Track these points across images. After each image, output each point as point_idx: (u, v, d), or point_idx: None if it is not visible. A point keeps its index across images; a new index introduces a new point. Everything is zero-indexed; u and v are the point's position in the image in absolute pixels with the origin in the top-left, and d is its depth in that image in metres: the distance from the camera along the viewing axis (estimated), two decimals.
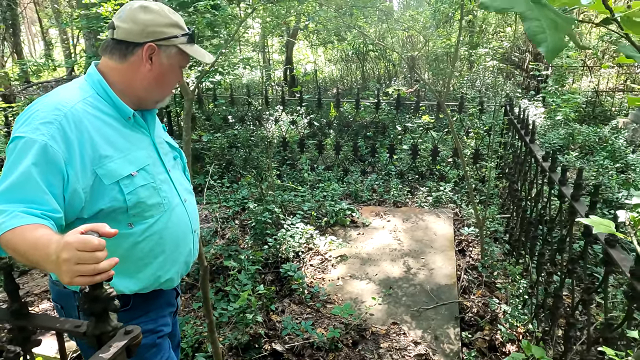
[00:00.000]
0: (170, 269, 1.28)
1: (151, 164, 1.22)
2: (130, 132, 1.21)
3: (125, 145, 1.17)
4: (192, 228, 1.35)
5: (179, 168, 1.38)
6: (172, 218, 1.26)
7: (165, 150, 1.32)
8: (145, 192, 1.18)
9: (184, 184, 1.37)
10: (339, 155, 4.50)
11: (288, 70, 9.19)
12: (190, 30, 1.26)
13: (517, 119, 3.18)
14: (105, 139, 1.13)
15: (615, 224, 1.06)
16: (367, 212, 3.84)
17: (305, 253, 3.21)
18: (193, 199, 1.40)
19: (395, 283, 2.84)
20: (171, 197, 1.27)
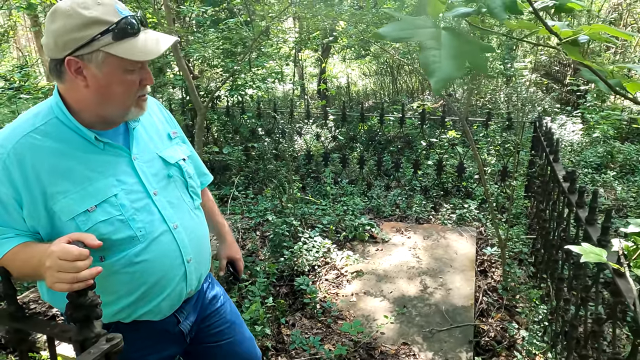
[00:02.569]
0: (151, 302, 1.16)
1: (121, 192, 1.08)
2: (97, 156, 1.07)
3: (85, 176, 1.05)
4: (184, 257, 1.18)
5: (175, 187, 1.21)
6: (153, 249, 1.12)
7: (155, 170, 1.16)
8: (108, 228, 1.06)
9: (178, 206, 1.19)
10: (363, 169, 4.49)
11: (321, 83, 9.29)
12: (121, 18, 0.98)
13: (543, 136, 3.07)
14: (57, 173, 1.02)
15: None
16: (388, 227, 3.79)
17: (322, 267, 3.20)
18: (192, 222, 1.23)
19: (410, 302, 2.78)
20: (151, 226, 1.12)
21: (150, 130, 1.21)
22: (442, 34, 0.44)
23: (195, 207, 1.28)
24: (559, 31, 0.57)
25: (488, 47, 0.46)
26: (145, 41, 1.00)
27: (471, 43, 0.45)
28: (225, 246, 1.54)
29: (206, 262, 1.31)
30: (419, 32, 0.43)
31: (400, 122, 4.15)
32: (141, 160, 1.14)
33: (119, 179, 1.08)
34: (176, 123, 1.35)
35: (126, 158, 1.11)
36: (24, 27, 15.90)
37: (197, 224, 1.26)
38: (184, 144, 1.32)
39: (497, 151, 3.85)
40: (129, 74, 1.02)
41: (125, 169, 1.10)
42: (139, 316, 1.16)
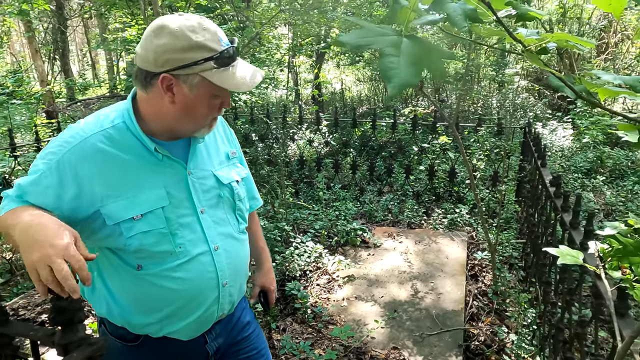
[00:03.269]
0: (181, 321, 1.14)
1: (169, 206, 1.07)
2: (153, 167, 1.07)
3: (137, 184, 1.05)
4: (220, 280, 1.15)
5: (223, 208, 1.18)
6: (190, 268, 1.10)
7: (207, 188, 1.15)
8: (150, 239, 1.05)
9: (222, 227, 1.17)
10: (355, 174, 4.51)
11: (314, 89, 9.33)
12: (224, 49, 1.00)
13: (532, 142, 3.10)
14: (111, 177, 1.03)
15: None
16: (380, 232, 3.80)
17: (313, 272, 3.20)
18: (233, 245, 1.20)
19: (401, 306, 2.79)
20: (191, 245, 1.10)
21: (210, 147, 1.20)
22: (402, 42, 0.46)
23: (240, 230, 1.24)
24: (522, 39, 0.59)
25: (448, 54, 0.48)
26: (240, 72, 1.03)
27: (431, 50, 0.47)
28: (261, 274, 1.50)
29: (241, 287, 1.28)
30: (379, 40, 0.45)
31: (392, 127, 4.18)
32: (195, 176, 1.13)
33: (169, 192, 1.08)
34: (237, 143, 1.34)
35: (181, 172, 1.11)
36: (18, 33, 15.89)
37: (239, 248, 1.23)
38: (241, 165, 1.30)
39: (487, 156, 3.88)
40: (215, 98, 1.05)
41: (177, 183, 1.10)
42: (167, 333, 1.15)
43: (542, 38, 0.59)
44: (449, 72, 5.56)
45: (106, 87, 14.50)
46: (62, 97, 10.86)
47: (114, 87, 13.41)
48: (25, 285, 3.04)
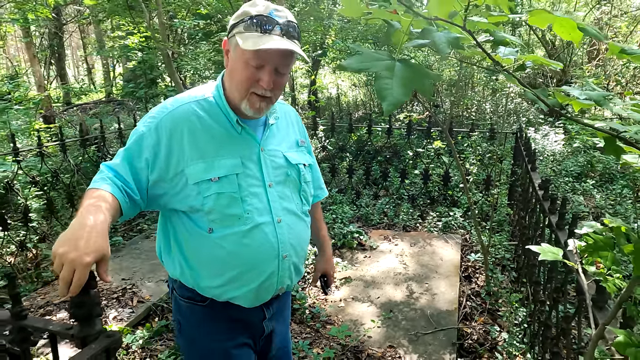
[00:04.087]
0: (240, 288, 1.22)
1: (242, 174, 1.19)
2: (233, 138, 1.20)
3: (218, 150, 1.17)
4: (280, 253, 1.23)
5: (289, 186, 1.28)
6: (253, 236, 1.19)
7: (276, 165, 1.25)
8: (223, 201, 1.16)
9: (286, 203, 1.26)
10: (352, 178, 4.59)
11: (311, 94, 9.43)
12: (257, 14, 1.08)
13: (523, 146, 3.20)
14: (198, 142, 1.16)
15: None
16: (376, 235, 3.88)
17: (311, 274, 3.27)
18: (297, 222, 1.28)
19: (397, 307, 2.86)
20: (257, 213, 1.20)
21: (283, 132, 1.32)
22: (395, 65, 0.54)
23: (302, 211, 1.32)
24: (500, 59, 0.68)
25: (435, 76, 0.56)
26: (267, 41, 1.06)
27: (420, 72, 0.55)
28: (324, 260, 1.61)
29: (300, 266, 1.33)
30: (376, 64, 0.53)
31: (388, 132, 4.27)
32: (267, 154, 1.24)
33: (244, 162, 1.19)
34: (307, 135, 1.45)
35: (256, 147, 1.22)
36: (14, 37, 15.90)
37: (300, 226, 1.31)
38: (308, 154, 1.41)
39: (479, 161, 3.98)
40: (249, 67, 1.10)
41: (251, 156, 1.21)
42: (230, 298, 1.23)
43: (518, 59, 0.67)
44: (434, 89, 5.67)
45: (102, 92, 14.54)
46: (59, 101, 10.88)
47: (110, 92, 13.45)
48: (27, 288, 3.09)
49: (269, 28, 1.08)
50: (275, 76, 1.13)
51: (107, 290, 2.99)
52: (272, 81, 1.12)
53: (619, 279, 0.94)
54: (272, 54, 1.09)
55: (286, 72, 1.16)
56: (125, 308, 2.80)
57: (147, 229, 4.05)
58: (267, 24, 1.08)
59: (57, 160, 4.10)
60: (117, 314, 2.74)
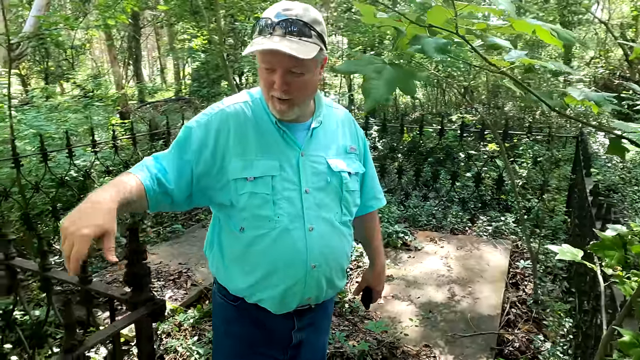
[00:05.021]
0: (267, 290, 1.23)
1: (278, 176, 1.19)
2: (275, 139, 1.21)
3: (258, 150, 1.19)
4: (308, 262, 1.20)
5: (329, 194, 1.24)
6: (282, 240, 1.19)
7: (317, 171, 1.23)
8: (256, 201, 1.17)
9: (323, 212, 1.23)
10: (401, 179, 4.59)
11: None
12: (263, 19, 1.10)
13: (581, 151, 3.05)
14: (242, 139, 1.19)
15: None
16: (423, 236, 3.87)
17: (354, 270, 3.35)
18: (331, 233, 1.24)
19: (436, 308, 2.86)
20: (288, 218, 1.19)
21: (329, 136, 1.29)
22: (385, 68, 0.62)
23: (342, 221, 1.28)
24: (497, 63, 0.73)
25: (422, 77, 0.63)
26: (263, 44, 1.06)
27: (406, 73, 0.62)
28: (371, 273, 1.57)
29: (335, 280, 1.29)
30: (367, 67, 0.61)
31: (440, 134, 4.23)
32: (308, 158, 1.23)
33: (282, 165, 1.19)
34: (362, 141, 1.40)
35: (296, 152, 1.22)
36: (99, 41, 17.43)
37: (336, 237, 1.26)
38: (358, 162, 1.35)
39: (535, 165, 3.82)
40: (265, 71, 1.12)
41: (290, 160, 1.20)
42: (258, 300, 1.24)
43: (516, 60, 0.72)
44: (418, 89, 5.44)
45: (171, 91, 15.54)
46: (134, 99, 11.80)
47: (179, 91, 14.36)
48: (99, 266, 3.43)
49: (269, 30, 1.07)
50: (289, 77, 1.11)
51: (166, 272, 3.26)
52: (284, 83, 1.10)
53: (637, 281, 0.94)
54: (278, 56, 1.06)
55: (303, 72, 1.11)
56: (180, 289, 3.05)
57: (204, 218, 4.33)
58: (268, 26, 1.08)
59: (128, 153, 4.51)
60: (173, 294, 2.99)
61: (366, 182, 1.42)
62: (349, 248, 1.34)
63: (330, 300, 1.42)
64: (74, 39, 9.69)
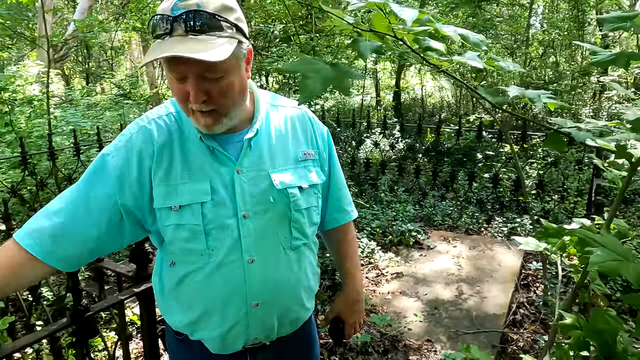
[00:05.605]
0: (205, 331, 1.05)
1: (209, 202, 0.98)
2: (205, 158, 1.00)
3: (184, 173, 0.99)
4: (249, 300, 1.01)
5: (274, 216, 1.03)
6: (217, 277, 1.00)
7: (258, 190, 1.01)
8: (183, 234, 0.98)
9: (267, 239, 1.02)
10: (418, 178, 4.62)
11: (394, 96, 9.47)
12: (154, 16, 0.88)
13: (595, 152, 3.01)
14: (165, 160, 0.99)
15: None
16: (436, 236, 3.89)
17: (364, 266, 3.42)
18: (278, 262, 1.04)
19: (442, 305, 2.90)
20: (224, 250, 0.99)
21: (274, 144, 1.06)
22: (323, 68, 0.71)
23: (293, 246, 1.06)
24: (437, 63, 0.81)
25: (356, 75, 0.72)
26: (160, 49, 0.84)
27: (343, 73, 0.71)
28: (343, 300, 1.29)
29: (290, 314, 1.10)
30: (307, 67, 0.69)
31: (457, 134, 4.23)
32: (245, 176, 1.01)
33: (214, 187, 0.98)
34: (322, 143, 1.16)
35: (230, 169, 1.00)
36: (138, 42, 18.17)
37: (285, 267, 1.06)
38: (317, 169, 1.12)
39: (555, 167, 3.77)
40: (176, 82, 0.90)
41: (224, 179, 0.99)
42: (200, 338, 1.07)
43: (455, 61, 0.80)
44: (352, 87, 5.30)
45: None
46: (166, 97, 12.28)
47: None
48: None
49: (166, 29, 0.85)
50: (206, 85, 0.89)
51: None
52: (200, 93, 0.89)
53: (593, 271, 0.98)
54: (184, 61, 0.83)
55: (222, 74, 0.89)
56: None
57: None
58: (164, 22, 0.85)
59: None
60: None
61: (331, 192, 1.20)
62: (308, 275, 1.12)
63: (303, 327, 1.17)
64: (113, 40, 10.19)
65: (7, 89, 4.69)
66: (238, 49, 0.90)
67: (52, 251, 0.90)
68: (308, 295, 1.14)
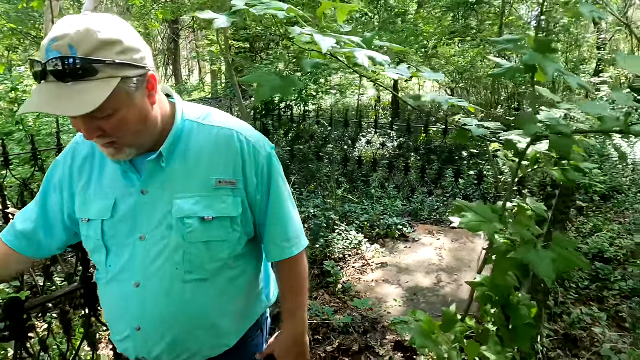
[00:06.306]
0: (114, 335, 1.10)
1: (110, 220, 1.00)
2: (115, 174, 1.02)
3: (97, 187, 1.03)
4: (132, 322, 1.02)
5: (169, 244, 0.99)
6: (111, 291, 1.06)
7: (159, 214, 0.99)
8: (89, 245, 1.05)
9: (157, 266, 0.99)
10: (407, 175, 4.84)
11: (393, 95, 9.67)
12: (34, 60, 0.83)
13: None
14: (87, 172, 1.05)
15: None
16: (422, 230, 4.11)
17: (352, 257, 3.65)
18: (170, 292, 0.99)
19: (421, 292, 3.11)
20: (117, 268, 1.02)
21: (188, 167, 1.00)
22: (274, 79, 0.93)
23: (187, 280, 1.00)
24: (368, 73, 1.03)
25: (297, 85, 0.94)
26: (40, 95, 0.81)
27: (289, 82, 0.93)
28: (277, 339, 1.19)
29: (191, 347, 1.06)
30: (263, 78, 0.92)
31: (444, 133, 4.44)
32: (150, 197, 0.99)
33: (118, 205, 1.00)
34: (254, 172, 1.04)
35: (135, 188, 1.00)
36: None
37: (179, 300, 1.00)
38: (234, 199, 1.02)
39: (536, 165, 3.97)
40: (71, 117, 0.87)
41: (128, 199, 1.00)
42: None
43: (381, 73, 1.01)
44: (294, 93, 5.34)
45: (204, 91, 16.30)
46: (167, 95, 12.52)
47: (215, 91, 15.07)
48: None
49: (39, 75, 0.82)
50: (98, 122, 0.86)
51: None
52: (92, 130, 0.87)
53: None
54: None
55: (111, 112, 0.85)
56: None
57: None
58: (37, 68, 0.82)
59: None
60: None
61: (267, 227, 1.09)
62: (215, 313, 1.06)
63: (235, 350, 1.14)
64: None
65: (17, 89, 4.94)
66: (123, 86, 0.85)
67: (29, 247, 1.10)
68: (223, 331, 1.09)
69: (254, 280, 1.17)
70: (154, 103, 0.94)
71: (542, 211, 1.31)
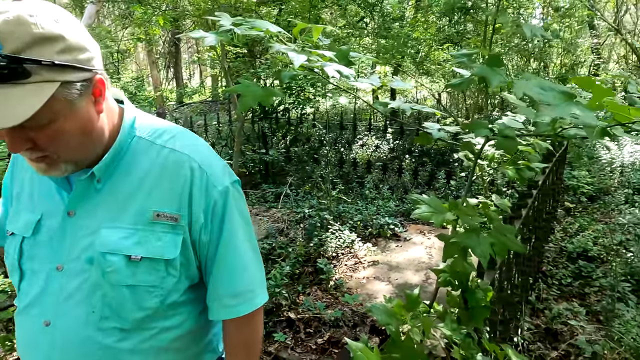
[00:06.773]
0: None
1: (30, 238, 0.86)
2: (48, 188, 0.88)
3: (28, 198, 0.90)
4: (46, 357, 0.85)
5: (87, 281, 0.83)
6: (20, 321, 0.90)
7: (83, 243, 0.83)
8: (8, 261, 0.89)
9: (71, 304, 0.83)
10: (401, 177, 4.97)
11: (391, 97, 9.83)
12: None
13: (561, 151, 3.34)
14: (21, 182, 0.93)
15: None
16: (414, 229, 4.24)
17: (345, 255, 3.78)
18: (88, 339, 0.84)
19: (410, 288, 3.22)
20: (28, 298, 0.87)
21: (124, 193, 0.85)
22: (257, 89, 1.07)
23: (103, 328, 0.84)
24: (344, 86, 1.16)
25: (277, 94, 1.07)
26: None
27: (270, 92, 1.07)
28: None
29: None
30: (247, 89, 1.06)
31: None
32: (76, 220, 0.84)
33: (41, 223, 0.86)
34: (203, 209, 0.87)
35: (61, 207, 0.85)
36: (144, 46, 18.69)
37: (95, 350, 0.84)
38: (176, 238, 0.85)
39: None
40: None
41: (53, 219, 0.86)
42: None
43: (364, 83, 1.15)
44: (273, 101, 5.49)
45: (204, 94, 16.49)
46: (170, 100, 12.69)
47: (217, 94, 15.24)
48: None
49: None
50: (29, 132, 0.72)
51: None
52: (20, 142, 0.72)
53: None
54: None
55: (47, 121, 0.71)
56: None
57: None
58: None
59: None
60: None
61: (212, 277, 0.91)
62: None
63: None
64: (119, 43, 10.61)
65: None
66: (62, 91, 0.70)
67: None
68: None
69: (198, 331, 0.96)
70: (100, 111, 0.80)
71: (505, 207, 1.45)
